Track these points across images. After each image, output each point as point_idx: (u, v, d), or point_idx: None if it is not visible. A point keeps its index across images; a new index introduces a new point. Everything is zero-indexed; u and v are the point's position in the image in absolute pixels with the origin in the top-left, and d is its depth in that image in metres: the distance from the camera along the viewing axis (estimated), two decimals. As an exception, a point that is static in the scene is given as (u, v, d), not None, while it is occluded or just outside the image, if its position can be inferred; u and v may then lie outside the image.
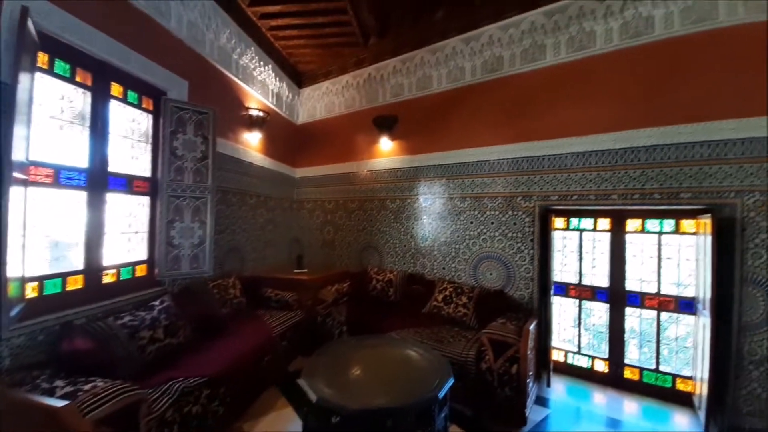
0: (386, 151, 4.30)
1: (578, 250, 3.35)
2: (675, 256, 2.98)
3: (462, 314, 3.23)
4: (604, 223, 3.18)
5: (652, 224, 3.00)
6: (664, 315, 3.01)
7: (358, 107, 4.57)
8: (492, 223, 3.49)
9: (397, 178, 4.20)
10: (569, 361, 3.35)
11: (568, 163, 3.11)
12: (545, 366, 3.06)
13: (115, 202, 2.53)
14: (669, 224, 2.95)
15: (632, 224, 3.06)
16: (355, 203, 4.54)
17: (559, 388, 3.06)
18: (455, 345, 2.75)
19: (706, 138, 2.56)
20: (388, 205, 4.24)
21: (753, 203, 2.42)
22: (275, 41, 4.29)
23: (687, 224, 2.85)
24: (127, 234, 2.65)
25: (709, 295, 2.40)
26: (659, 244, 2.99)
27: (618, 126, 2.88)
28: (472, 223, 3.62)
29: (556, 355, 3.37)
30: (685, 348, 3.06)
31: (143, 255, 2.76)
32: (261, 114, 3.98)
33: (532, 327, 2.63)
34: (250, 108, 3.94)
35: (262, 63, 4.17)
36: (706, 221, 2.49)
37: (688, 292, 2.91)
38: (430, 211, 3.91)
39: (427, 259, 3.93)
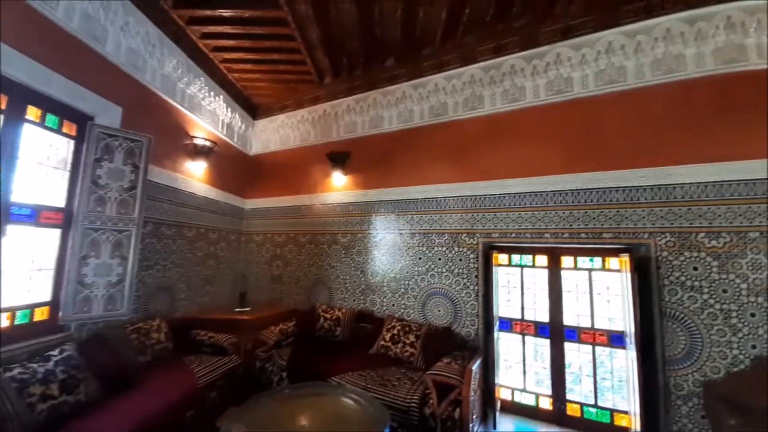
0: (339, 186, 4.30)
1: (520, 286, 3.45)
2: (605, 292, 3.17)
3: (409, 354, 3.13)
4: (542, 259, 3.34)
5: (583, 261, 3.20)
6: (605, 349, 3.11)
7: (312, 141, 4.60)
8: (439, 259, 3.53)
9: (349, 212, 4.18)
10: (516, 399, 3.32)
11: (507, 203, 3.29)
12: (492, 406, 3.01)
13: (19, 235, 2.22)
14: (598, 261, 3.15)
15: (566, 261, 3.24)
16: (306, 237, 4.42)
17: (507, 428, 2.99)
18: (400, 388, 2.62)
19: (620, 184, 2.86)
20: (340, 240, 4.17)
21: (665, 243, 2.67)
22: (229, 73, 4.27)
23: (613, 262, 3.07)
24: (30, 271, 2.32)
25: (634, 329, 2.55)
26: (590, 280, 3.17)
27: (547, 171, 3.14)
28: (420, 258, 3.64)
29: (504, 393, 3.34)
30: (620, 382, 3.16)
31: (47, 296, 2.41)
32: (207, 143, 3.85)
33: (475, 367, 2.60)
34: (195, 137, 3.80)
35: (212, 93, 4.09)
36: (625, 259, 2.70)
37: (619, 327, 3.06)
38: (381, 246, 3.89)
39: (377, 295, 3.85)
